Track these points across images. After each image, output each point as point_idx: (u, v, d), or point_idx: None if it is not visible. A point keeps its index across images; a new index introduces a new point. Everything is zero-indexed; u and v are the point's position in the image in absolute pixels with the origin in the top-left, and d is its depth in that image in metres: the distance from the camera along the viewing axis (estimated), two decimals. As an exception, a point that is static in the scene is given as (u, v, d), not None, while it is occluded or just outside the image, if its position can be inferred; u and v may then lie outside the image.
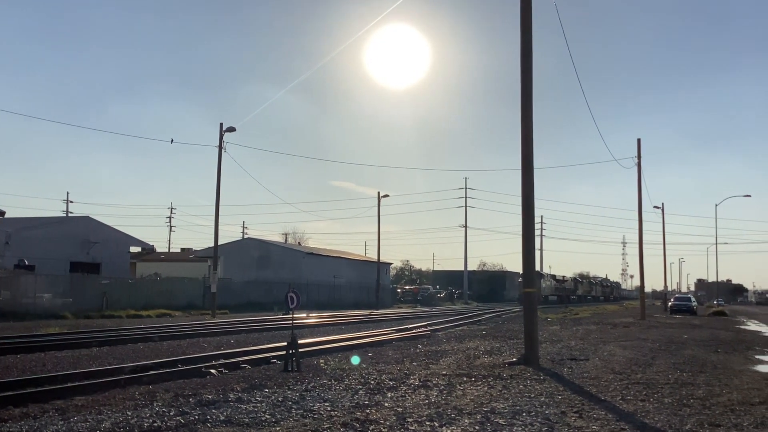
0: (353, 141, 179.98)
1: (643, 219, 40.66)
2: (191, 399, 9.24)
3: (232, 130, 38.85)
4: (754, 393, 10.43)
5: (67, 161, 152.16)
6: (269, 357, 14.79)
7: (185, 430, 7.31)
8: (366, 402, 9.08)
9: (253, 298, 49.46)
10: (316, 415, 8.15)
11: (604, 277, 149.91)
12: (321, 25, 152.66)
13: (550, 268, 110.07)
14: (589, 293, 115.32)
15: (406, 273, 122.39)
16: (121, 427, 7.38)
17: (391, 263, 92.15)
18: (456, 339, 21.81)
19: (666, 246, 62.68)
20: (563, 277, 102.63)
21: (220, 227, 39.75)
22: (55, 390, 10.05)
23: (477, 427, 7.50)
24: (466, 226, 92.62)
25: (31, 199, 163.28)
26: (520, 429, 7.46)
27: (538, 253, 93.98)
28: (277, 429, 7.43)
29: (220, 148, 38.61)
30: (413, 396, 9.62)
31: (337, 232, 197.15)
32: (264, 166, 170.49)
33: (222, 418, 7.87)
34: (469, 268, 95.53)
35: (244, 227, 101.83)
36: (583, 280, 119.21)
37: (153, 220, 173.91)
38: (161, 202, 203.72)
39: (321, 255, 69.31)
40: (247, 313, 40.28)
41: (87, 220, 51.90)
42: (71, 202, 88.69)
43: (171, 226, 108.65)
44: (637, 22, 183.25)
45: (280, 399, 9.26)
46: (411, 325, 28.11)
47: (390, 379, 11.32)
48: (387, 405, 8.85)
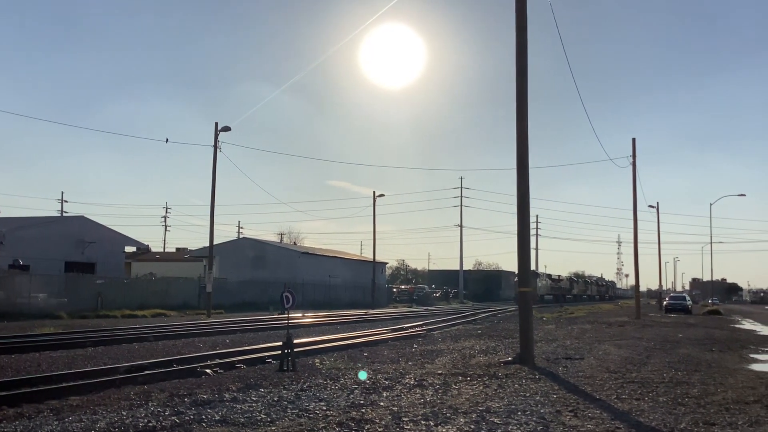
0: (349, 140, 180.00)
1: (638, 218, 40.84)
2: (186, 399, 9.23)
3: (227, 129, 38.78)
4: (749, 392, 10.47)
5: (62, 161, 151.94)
6: (265, 357, 14.78)
7: (180, 430, 7.30)
8: (361, 401, 9.08)
9: (248, 297, 49.40)
10: (311, 415, 8.15)
11: (600, 276, 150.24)
12: (316, 24, 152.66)
13: (546, 267, 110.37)
14: (584, 292, 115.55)
15: (402, 272, 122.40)
16: (116, 427, 7.36)
17: (386, 263, 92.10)
18: (451, 338, 21.82)
19: (661, 245, 62.76)
20: (559, 276, 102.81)
21: (215, 227, 39.77)
22: (50, 390, 10.02)
23: (472, 427, 7.51)
24: (461, 226, 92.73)
25: (25, 198, 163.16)
26: (516, 428, 7.47)
27: (533, 252, 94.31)
28: (272, 429, 7.42)
29: (216, 147, 38.54)
30: (409, 395, 9.62)
31: (333, 232, 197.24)
32: (259, 165, 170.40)
33: (217, 418, 7.86)
34: (464, 268, 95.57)
35: (239, 227, 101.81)
36: (578, 279, 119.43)
37: (148, 219, 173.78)
38: (156, 201, 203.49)
39: (316, 255, 69.28)
40: (242, 312, 40.23)
41: (82, 219, 51.74)
42: (66, 201, 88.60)
43: (166, 226, 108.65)
44: (633, 22, 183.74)
45: (276, 399, 9.25)
46: (406, 325, 28.11)
47: (385, 379, 11.33)
48: (382, 404, 8.85)
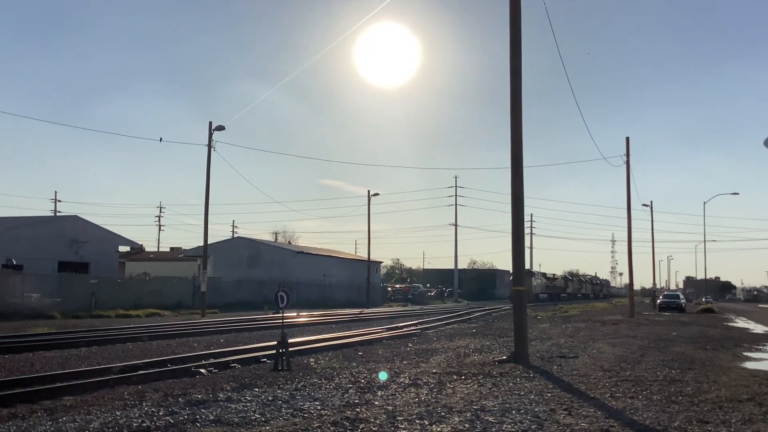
0: (343, 139, 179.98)
1: (632, 217, 40.94)
2: (181, 399, 9.21)
3: (221, 128, 38.73)
4: (742, 390, 10.51)
5: (55, 160, 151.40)
6: (259, 356, 14.76)
7: (174, 430, 7.28)
8: (356, 401, 9.08)
9: (243, 297, 49.33)
10: (306, 414, 8.14)
11: (594, 275, 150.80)
12: (311, 23, 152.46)
13: (540, 266, 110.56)
14: (579, 291, 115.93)
15: (397, 271, 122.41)
16: (110, 427, 7.34)
17: (381, 262, 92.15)
18: (446, 337, 21.84)
19: (655, 244, 63.18)
20: (554, 275, 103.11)
21: (209, 226, 39.66)
22: (44, 390, 10.00)
23: (467, 425, 7.51)
24: (456, 225, 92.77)
25: (18, 198, 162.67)
26: (510, 427, 7.48)
27: (528, 251, 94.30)
28: (267, 428, 7.41)
29: (210, 146, 38.49)
30: (403, 394, 9.63)
31: (328, 231, 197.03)
32: (254, 164, 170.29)
33: (211, 418, 7.85)
34: (459, 267, 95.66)
35: (233, 226, 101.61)
36: (573, 278, 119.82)
37: (142, 219, 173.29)
38: (150, 201, 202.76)
39: (311, 254, 69.22)
40: (237, 312, 40.16)
41: (75, 219, 51.59)
42: (59, 201, 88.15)
43: (160, 226, 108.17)
44: (627, 21, 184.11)
45: (270, 398, 9.24)
46: (401, 324, 28.12)
47: (380, 378, 11.33)
48: (377, 404, 8.85)
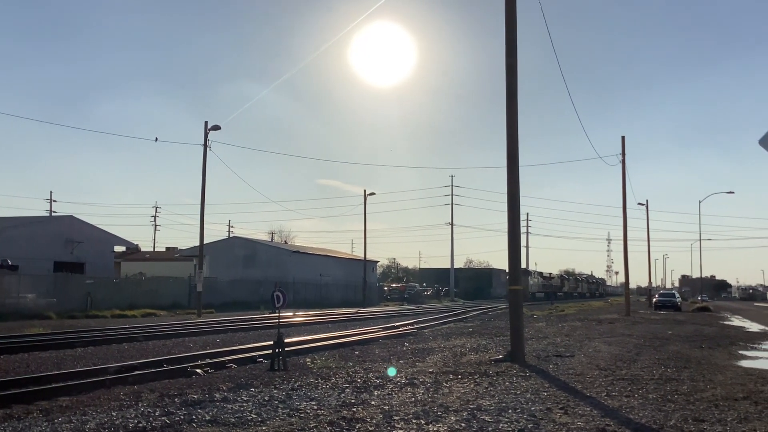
0: (339, 139, 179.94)
1: (628, 216, 41.07)
2: (177, 399, 9.20)
3: (217, 128, 38.65)
4: (738, 388, 10.53)
5: (51, 160, 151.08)
6: (255, 356, 14.74)
7: (171, 431, 7.27)
8: (353, 400, 9.07)
9: (239, 297, 49.28)
10: (302, 414, 8.13)
11: (590, 273, 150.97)
12: (306, 23, 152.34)
13: (536, 265, 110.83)
14: (575, 290, 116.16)
15: (393, 271, 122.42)
16: (106, 428, 7.33)
17: (377, 261, 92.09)
18: (442, 337, 21.85)
19: (650, 242, 63.18)
20: (550, 274, 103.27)
21: (205, 226, 39.61)
22: (39, 391, 9.97)
23: (463, 425, 7.52)
24: (452, 224, 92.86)
25: (14, 198, 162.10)
26: (506, 426, 7.49)
27: (524, 250, 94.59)
28: (263, 428, 7.41)
29: (205, 146, 38.40)
30: (400, 394, 9.63)
31: (324, 231, 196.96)
32: (250, 164, 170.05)
33: (208, 418, 7.84)
34: (455, 266, 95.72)
35: (229, 226, 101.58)
36: (569, 276, 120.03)
37: (138, 219, 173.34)
38: (146, 201, 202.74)
39: (307, 253, 69.17)
40: (233, 312, 40.11)
41: (71, 219, 51.45)
42: (55, 201, 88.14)
43: (156, 225, 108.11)
44: (623, 19, 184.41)
45: (267, 398, 9.24)
46: (398, 323, 28.12)
47: (377, 378, 11.33)
48: (374, 403, 8.85)
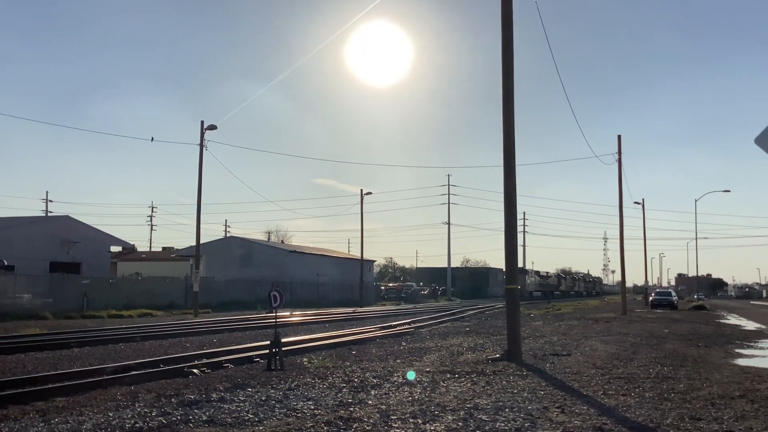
0: (336, 138, 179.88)
1: (624, 215, 41.07)
2: (173, 399, 9.18)
3: (213, 128, 38.63)
4: (734, 386, 10.55)
5: (47, 160, 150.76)
6: (252, 356, 14.74)
7: (167, 431, 7.26)
8: (350, 400, 9.07)
9: (236, 296, 49.25)
10: (299, 414, 8.13)
11: (586, 272, 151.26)
12: (302, 22, 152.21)
13: (533, 264, 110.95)
14: (572, 289, 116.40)
15: (390, 270, 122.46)
16: (102, 428, 7.31)
17: (374, 261, 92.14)
18: (439, 336, 21.85)
19: (646, 241, 63.38)
20: (547, 273, 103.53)
21: (201, 226, 39.53)
22: (36, 391, 9.95)
23: (460, 424, 7.52)
24: (449, 223, 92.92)
25: (9, 198, 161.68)
26: (503, 425, 7.49)
27: (520, 249, 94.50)
28: (260, 428, 7.40)
29: (201, 146, 38.37)
30: (397, 393, 9.62)
31: (320, 230, 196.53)
32: (246, 164, 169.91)
33: (204, 418, 7.83)
34: (452, 265, 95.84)
35: (226, 226, 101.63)
36: (566, 275, 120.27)
37: (134, 219, 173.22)
38: (142, 200, 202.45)
39: (304, 253, 69.12)
40: (230, 312, 40.09)
41: (67, 219, 51.36)
42: (51, 201, 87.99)
43: (152, 225, 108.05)
44: (618, 19, 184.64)
45: (263, 398, 9.22)
46: (395, 323, 28.13)
47: (374, 377, 11.32)
48: (371, 403, 8.85)
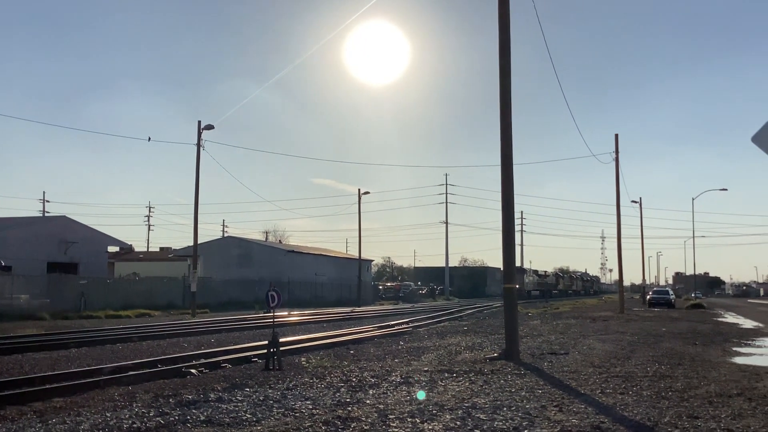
0: (333, 138, 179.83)
1: (622, 213, 41.19)
2: (171, 399, 9.17)
3: (210, 127, 38.59)
4: (732, 385, 10.57)
5: (43, 160, 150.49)
6: (250, 356, 14.72)
7: (165, 431, 7.25)
8: (348, 400, 9.07)
9: (233, 296, 49.21)
10: (297, 414, 8.12)
11: (584, 271, 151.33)
12: (299, 22, 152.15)
13: (531, 263, 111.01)
14: (570, 288, 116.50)
15: (388, 270, 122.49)
16: (100, 429, 7.31)
17: (372, 260, 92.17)
18: (437, 335, 21.86)
19: (644, 240, 63.40)
20: (545, 272, 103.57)
21: (199, 226, 39.51)
22: (33, 392, 9.93)
23: (458, 423, 7.52)
24: (447, 223, 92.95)
25: (6, 198, 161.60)
26: (501, 424, 7.50)
27: (518, 248, 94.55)
28: (258, 428, 7.39)
29: (199, 146, 38.34)
30: (395, 393, 9.62)
31: (318, 230, 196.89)
32: (243, 163, 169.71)
33: (202, 419, 7.82)
34: (450, 264, 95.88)
35: (224, 225, 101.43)
36: (564, 274, 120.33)
37: (131, 219, 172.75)
38: (139, 201, 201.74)
39: (302, 253, 69.10)
40: (228, 312, 40.06)
41: (64, 219, 51.28)
42: (48, 201, 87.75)
43: (149, 225, 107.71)
44: (615, 18, 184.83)
45: (262, 398, 9.22)
46: (392, 322, 28.13)
47: (372, 377, 11.32)
48: (369, 402, 8.85)
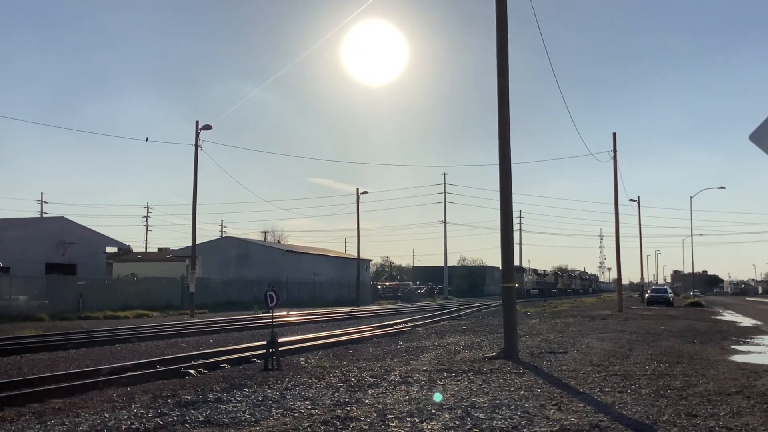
0: (331, 138, 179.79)
1: (620, 212, 41.26)
2: (170, 400, 9.16)
3: (208, 128, 38.57)
4: (731, 383, 10.57)
5: (41, 161, 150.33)
6: (249, 356, 14.72)
7: (164, 432, 7.24)
8: (347, 399, 9.06)
9: (232, 297, 49.19)
10: (296, 414, 8.12)
11: (583, 270, 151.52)
12: (297, 21, 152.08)
13: (530, 262, 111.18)
14: (568, 287, 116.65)
15: (386, 269, 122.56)
16: (98, 430, 7.29)
17: (371, 260, 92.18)
18: (436, 334, 21.86)
19: (642, 238, 63.33)
20: (544, 271, 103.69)
21: (197, 226, 39.51)
22: (32, 393, 9.93)
23: (457, 422, 7.51)
24: (445, 222, 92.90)
25: (4, 199, 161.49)
26: (500, 423, 7.49)
27: (517, 247, 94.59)
28: (257, 428, 7.38)
29: (197, 146, 38.31)
30: (394, 392, 9.62)
31: (317, 230, 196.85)
32: (242, 164, 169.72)
33: (201, 419, 7.81)
34: (449, 264, 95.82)
35: (222, 226, 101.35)
36: (562, 273, 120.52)
37: (129, 219, 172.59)
38: (137, 201, 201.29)
39: (300, 252, 69.08)
40: (226, 312, 40.04)
41: (62, 220, 51.20)
42: (46, 202, 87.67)
43: (148, 226, 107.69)
44: (613, 17, 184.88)
45: (260, 398, 9.21)
46: (391, 322, 28.13)
47: (371, 376, 11.31)
48: (368, 402, 8.84)
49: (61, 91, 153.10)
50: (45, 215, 79.03)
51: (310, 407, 8.51)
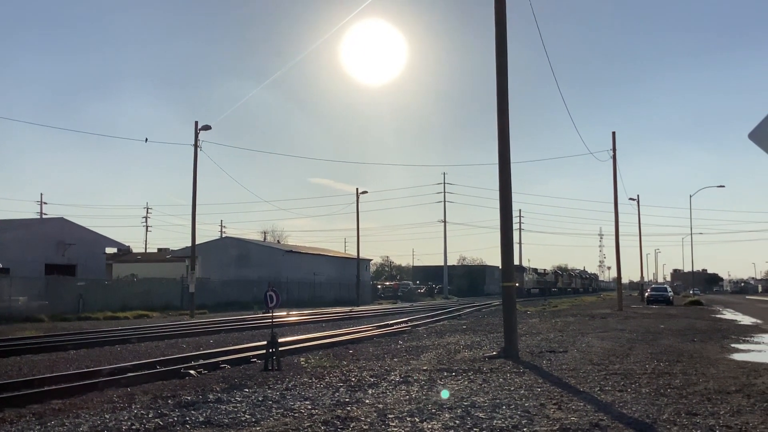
0: (331, 137, 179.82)
1: (619, 211, 41.25)
2: (170, 401, 9.16)
3: (207, 128, 38.57)
4: (730, 381, 10.58)
5: (41, 162, 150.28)
6: (249, 356, 14.72)
7: (164, 432, 7.24)
8: (347, 399, 9.06)
9: (232, 297, 49.18)
10: (296, 414, 8.12)
11: (582, 269, 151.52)
12: (297, 21, 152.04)
13: (529, 261, 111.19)
14: (568, 286, 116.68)
15: (386, 269, 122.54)
16: (98, 431, 7.29)
17: (370, 259, 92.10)
18: (436, 334, 21.86)
19: (642, 237, 63.36)
20: (544, 270, 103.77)
21: (197, 226, 39.52)
22: (32, 394, 9.94)
23: (457, 422, 7.51)
24: (445, 221, 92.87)
25: (3, 200, 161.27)
26: (500, 422, 7.49)
27: (516, 246, 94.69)
28: (257, 429, 7.38)
29: (196, 146, 38.33)
30: (394, 392, 9.62)
31: (316, 230, 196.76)
32: (241, 164, 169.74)
33: (201, 420, 7.81)
34: (448, 263, 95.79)
35: (222, 226, 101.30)
36: (562, 272, 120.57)
37: (129, 220, 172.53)
38: (137, 202, 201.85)
39: (300, 253, 69.05)
40: (226, 312, 40.04)
41: (62, 221, 51.18)
42: (45, 203, 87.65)
43: (147, 226, 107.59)
44: (612, 15, 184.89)
45: (261, 398, 9.21)
46: (391, 321, 28.14)
47: (371, 376, 11.31)
48: (368, 402, 8.84)
49: (61, 91, 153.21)
50: (44, 216, 79.06)
51: (310, 407, 8.51)
